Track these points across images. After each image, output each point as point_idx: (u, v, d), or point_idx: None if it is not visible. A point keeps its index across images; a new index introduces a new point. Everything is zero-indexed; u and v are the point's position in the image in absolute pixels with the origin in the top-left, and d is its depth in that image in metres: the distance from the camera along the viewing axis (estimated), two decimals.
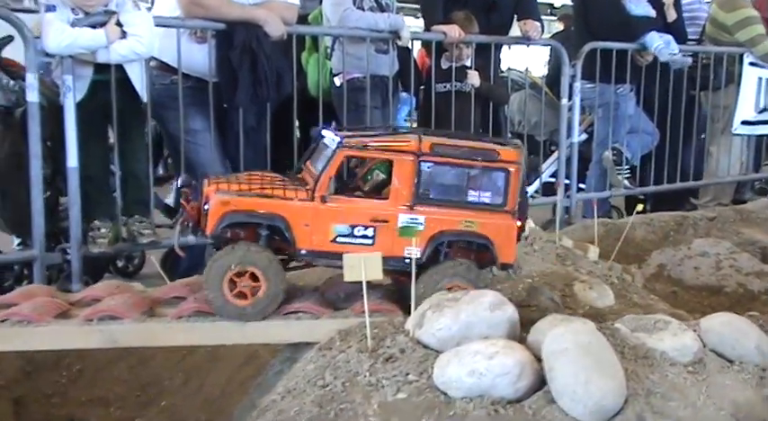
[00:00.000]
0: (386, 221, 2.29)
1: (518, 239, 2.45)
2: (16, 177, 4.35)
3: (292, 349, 2.38)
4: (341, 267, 2.31)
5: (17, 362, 3.04)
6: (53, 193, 4.40)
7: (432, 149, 2.29)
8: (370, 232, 2.28)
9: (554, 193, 5.48)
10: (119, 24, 3.99)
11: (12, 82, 4.31)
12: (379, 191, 2.44)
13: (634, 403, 1.87)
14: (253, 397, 2.41)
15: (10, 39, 4.27)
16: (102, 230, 4.12)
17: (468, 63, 5.23)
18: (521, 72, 5.97)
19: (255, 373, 2.99)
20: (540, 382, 1.97)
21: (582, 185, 5.79)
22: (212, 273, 2.23)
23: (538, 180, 5.90)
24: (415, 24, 7.15)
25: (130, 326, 2.19)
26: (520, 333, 2.15)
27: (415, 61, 5.02)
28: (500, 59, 5.57)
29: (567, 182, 5.44)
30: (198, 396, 3.03)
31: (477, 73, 5.17)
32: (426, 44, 5.23)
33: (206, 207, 2.25)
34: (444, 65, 5.24)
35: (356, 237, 2.28)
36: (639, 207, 3.59)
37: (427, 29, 5.26)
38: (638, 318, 2.20)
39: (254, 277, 2.23)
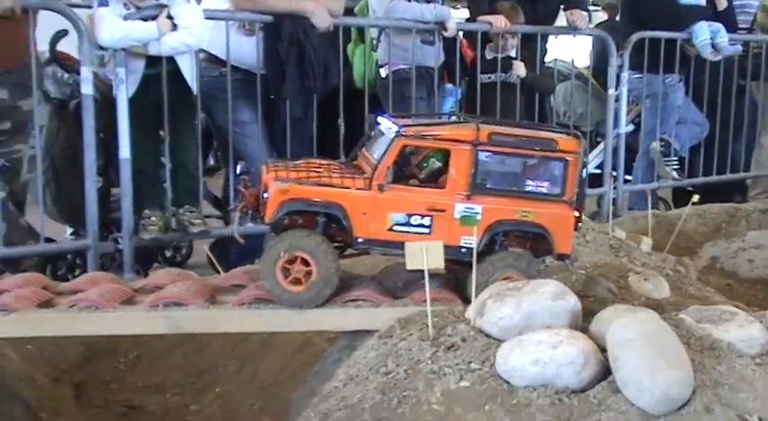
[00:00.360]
0: (443, 211, 2.28)
1: (575, 229, 2.43)
2: (70, 169, 4.43)
3: (350, 337, 2.40)
4: (397, 255, 2.32)
5: (78, 348, 3.11)
6: (105, 184, 4.47)
7: (489, 139, 2.28)
8: (426, 221, 2.28)
9: (599, 185, 5.44)
10: (170, 17, 4.05)
11: (66, 75, 4.40)
12: (436, 179, 2.43)
13: (701, 394, 1.85)
14: (311, 384, 2.43)
15: (65, 33, 4.35)
16: (153, 219, 4.19)
17: (513, 53, 5.20)
18: (567, 62, 5.92)
19: (309, 361, 3.02)
20: (604, 372, 1.96)
21: (628, 177, 5.73)
22: (265, 262, 2.24)
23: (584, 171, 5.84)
24: (455, 15, 7.12)
25: (194, 313, 2.22)
26: (581, 323, 2.14)
27: (461, 52, 4.99)
28: (546, 50, 5.52)
29: (613, 173, 5.39)
30: (252, 383, 3.07)
31: (522, 63, 5.14)
32: (468, 35, 5.20)
33: (265, 195, 2.26)
34: (489, 55, 5.21)
35: (413, 225, 2.28)
36: (695, 198, 3.54)
37: (473, 19, 5.23)
38: (703, 309, 2.18)
39: (305, 262, 2.24)
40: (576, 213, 2.39)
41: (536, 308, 2.09)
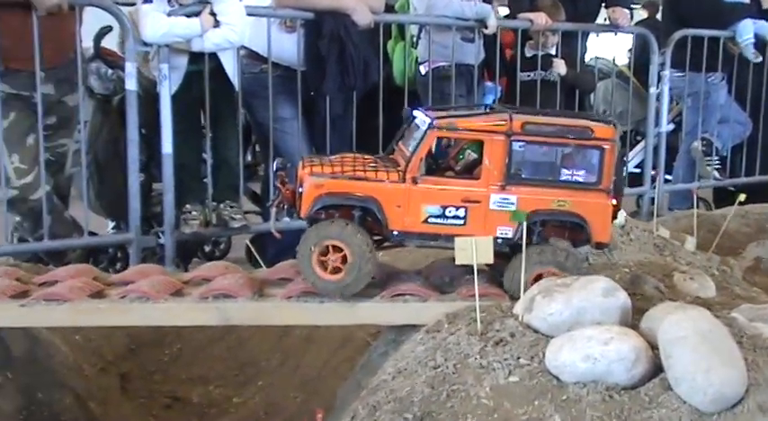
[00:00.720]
0: (477, 202, 2.27)
1: (613, 218, 2.41)
2: (113, 163, 4.50)
3: (396, 331, 2.40)
4: (432, 247, 2.33)
5: (123, 339, 3.15)
6: (147, 179, 4.53)
7: (523, 128, 2.27)
8: (461, 213, 2.28)
9: (639, 184, 5.39)
10: (212, 14, 4.08)
11: (110, 71, 4.46)
12: (471, 170, 2.41)
13: (755, 393, 1.83)
14: (357, 377, 2.44)
15: (109, 29, 4.41)
16: (194, 213, 4.23)
17: (552, 51, 5.18)
18: (607, 60, 5.87)
19: (351, 356, 3.04)
20: (655, 370, 1.94)
21: (668, 176, 5.67)
22: (301, 258, 2.25)
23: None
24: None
25: (243, 305, 2.24)
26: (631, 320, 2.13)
27: (501, 50, 4.98)
28: (586, 48, 5.49)
29: (653, 173, 5.34)
30: (294, 377, 3.09)
31: (563, 61, 5.12)
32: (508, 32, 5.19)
33: (300, 189, 2.28)
34: (529, 53, 5.19)
35: (448, 217, 2.28)
36: (741, 197, 3.49)
37: (513, 16, 5.22)
38: (755, 308, 2.15)
39: (338, 250, 2.25)
40: (614, 202, 2.37)
41: (586, 304, 2.07)
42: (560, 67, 5.09)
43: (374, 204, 2.25)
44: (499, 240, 2.28)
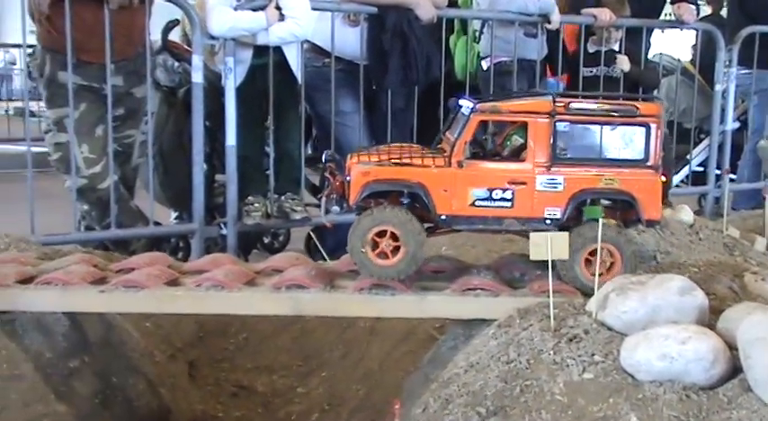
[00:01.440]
0: (524, 183, 2.28)
1: (664, 196, 2.38)
2: (177, 154, 4.58)
3: (464, 325, 2.41)
4: (480, 230, 2.35)
5: (191, 326, 3.21)
6: (210, 170, 4.59)
7: (567, 109, 2.27)
8: (508, 195, 2.28)
9: (703, 183, 5.30)
10: (278, 8, 4.13)
11: (176, 64, 4.54)
12: (518, 156, 2.41)
13: None
14: (425, 370, 2.45)
15: (176, 22, 4.49)
16: (256, 205, 4.28)
17: (616, 47, 5.12)
18: (672, 57, 5.78)
19: (414, 349, 3.05)
20: (734, 370, 1.91)
21: (732, 175, 5.57)
22: (353, 244, 2.28)
23: (686, 168, 5.71)
24: None
25: (316, 296, 2.27)
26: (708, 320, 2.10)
27: (564, 46, 4.93)
28: (650, 44, 5.41)
29: (717, 172, 5.24)
30: (357, 369, 3.11)
31: (626, 58, 5.05)
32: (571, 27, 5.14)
33: (347, 178, 2.31)
34: (591, 49, 5.14)
35: (494, 200, 2.29)
36: None
37: (577, 11, 5.17)
38: None
39: (391, 235, 2.27)
40: (663, 178, 2.35)
41: (662, 302, 2.05)
42: (624, 63, 5.03)
43: (421, 189, 2.27)
44: (548, 221, 2.29)
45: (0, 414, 2.25)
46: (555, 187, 2.28)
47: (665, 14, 5.54)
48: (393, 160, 2.28)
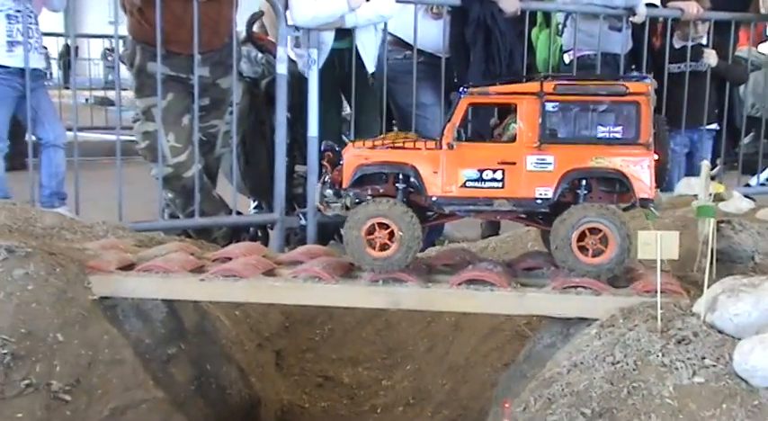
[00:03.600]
0: (513, 163, 2.27)
1: (659, 175, 2.33)
2: (259, 145, 4.63)
3: (562, 323, 2.37)
4: (472, 212, 2.35)
5: (278, 316, 3.23)
6: (290, 161, 4.62)
7: (555, 89, 2.26)
8: (498, 175, 2.28)
9: None
10: None
11: (259, 55, 4.58)
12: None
13: None
14: (522, 367, 2.42)
15: (261, 14, 4.52)
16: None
17: (703, 41, 4.98)
18: (760, 52, 5.61)
19: (500, 344, 3.02)
20: None
21: None
22: (349, 235, 2.31)
23: None
24: None
25: (413, 290, 2.26)
26: None
27: (650, 40, 4.82)
28: (737, 38, 5.25)
29: None
30: (442, 363, 3.09)
31: (714, 52, 4.92)
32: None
33: (341, 162, 2.36)
34: (678, 44, 5.01)
35: (485, 181, 2.29)
36: None
37: (663, 5, 5.04)
38: None
39: (385, 227, 2.28)
40: (656, 156, 2.29)
41: None
42: (711, 57, 4.89)
43: (411, 171, 2.29)
44: (538, 201, 2.28)
45: (102, 398, 2.30)
46: (545, 167, 2.28)
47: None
48: (387, 145, 2.32)
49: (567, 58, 4.76)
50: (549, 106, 2.26)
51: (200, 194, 4.15)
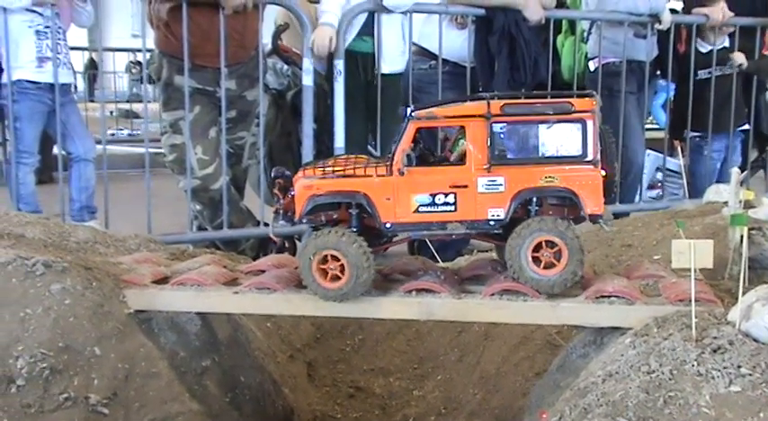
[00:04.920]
0: (465, 186, 2.26)
1: (607, 189, 2.31)
2: (285, 156, 4.67)
3: (594, 332, 2.36)
4: (425, 236, 2.35)
5: (309, 327, 3.25)
6: None
7: (502, 110, 2.25)
8: (451, 199, 2.27)
9: None
10: None
11: (285, 67, 4.62)
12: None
13: None
14: (555, 377, 2.42)
15: (286, 26, 4.56)
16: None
17: (727, 43, 4.97)
18: None
19: (530, 354, 3.01)
20: None
21: None
22: (302, 266, 2.29)
23: None
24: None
25: (446, 301, 2.26)
26: None
27: (675, 46, 4.81)
28: (765, 43, 5.23)
29: None
30: (473, 373, 3.09)
31: (742, 53, 4.90)
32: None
33: (291, 193, 2.34)
34: (704, 48, 4.99)
35: (438, 205, 2.28)
36: None
37: (688, 11, 5.03)
38: None
39: (336, 258, 2.27)
40: (603, 172, 2.29)
41: None
42: (740, 58, 4.89)
43: (363, 199, 2.28)
44: (491, 222, 2.27)
45: (139, 411, 2.32)
46: (496, 188, 2.27)
47: None
48: (337, 173, 2.30)
49: (592, 66, 4.76)
50: (497, 127, 2.25)
51: (227, 206, 4.19)
